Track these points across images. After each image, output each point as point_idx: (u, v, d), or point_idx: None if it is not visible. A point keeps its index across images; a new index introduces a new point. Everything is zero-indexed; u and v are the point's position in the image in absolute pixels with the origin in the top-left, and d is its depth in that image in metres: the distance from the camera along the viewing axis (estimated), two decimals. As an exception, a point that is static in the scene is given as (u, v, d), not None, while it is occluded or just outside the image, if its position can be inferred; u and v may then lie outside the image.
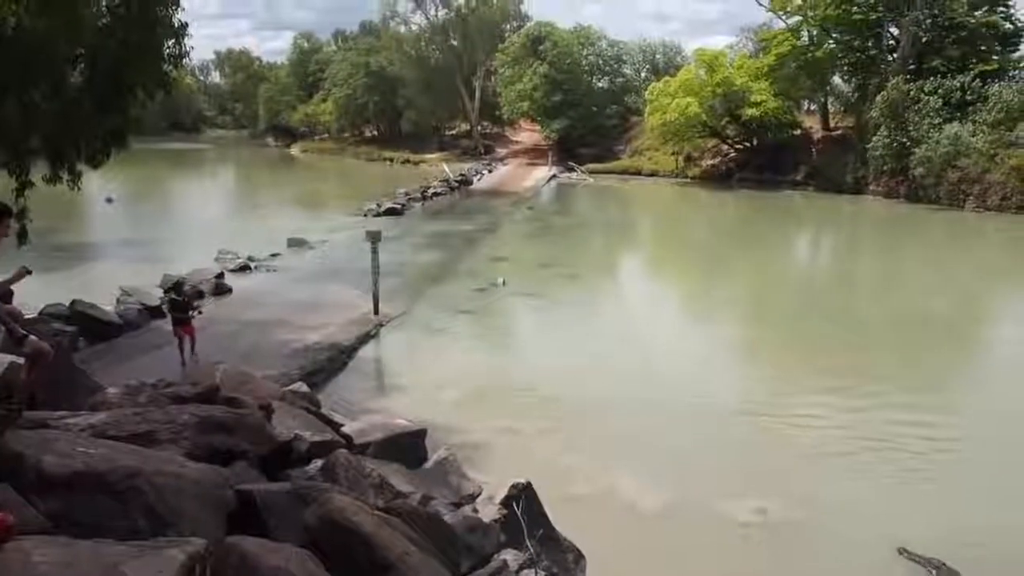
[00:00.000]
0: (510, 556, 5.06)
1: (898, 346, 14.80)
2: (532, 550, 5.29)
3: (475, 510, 5.59)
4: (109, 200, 32.75)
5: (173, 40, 10.89)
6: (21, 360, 5.87)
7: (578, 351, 13.82)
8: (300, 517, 3.66)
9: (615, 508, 8.07)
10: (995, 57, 39.12)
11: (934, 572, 6.99)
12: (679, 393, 11.54)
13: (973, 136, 33.65)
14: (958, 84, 36.02)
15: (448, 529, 4.82)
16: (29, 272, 6.31)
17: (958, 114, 35.12)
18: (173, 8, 10.73)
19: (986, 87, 35.39)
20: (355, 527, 3.46)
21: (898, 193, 36.67)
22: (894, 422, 10.47)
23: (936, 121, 34.78)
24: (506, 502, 5.68)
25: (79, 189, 11.72)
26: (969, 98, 35.53)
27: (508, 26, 62.62)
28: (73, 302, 13.42)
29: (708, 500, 8.27)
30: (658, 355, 13.84)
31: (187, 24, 11.02)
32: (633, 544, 7.27)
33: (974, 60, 38.06)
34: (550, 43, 54.33)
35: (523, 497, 5.79)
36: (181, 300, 12.34)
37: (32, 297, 11.46)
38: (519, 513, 5.55)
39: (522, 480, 6.01)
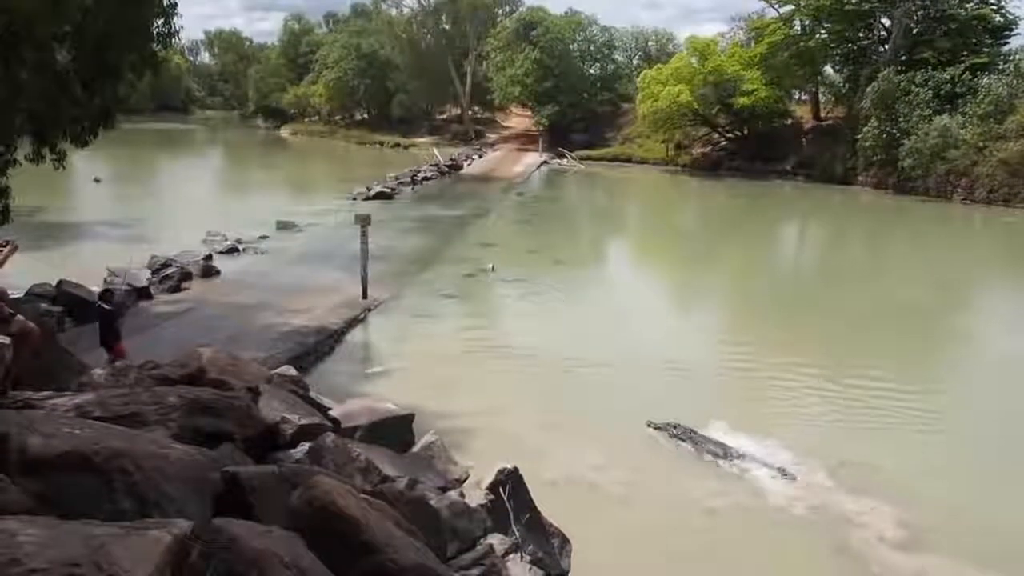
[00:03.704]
0: (496, 540, 5.10)
1: (872, 329, 15.22)
2: (518, 535, 5.33)
3: (462, 495, 5.62)
4: (97, 180, 32.40)
5: (163, 19, 10.74)
6: (7, 340, 5.83)
7: (567, 336, 13.88)
8: (286, 500, 3.67)
9: (602, 491, 8.16)
10: (986, 50, 39.27)
11: (672, 431, 9.42)
12: (664, 374, 11.76)
13: (962, 128, 33.82)
14: (948, 76, 36.14)
15: (434, 513, 4.85)
16: (16, 247, 6.25)
17: (948, 106, 35.28)
18: (163, -13, 10.60)
19: (976, 80, 35.53)
20: (342, 510, 3.47)
21: (887, 184, 36.87)
22: (865, 395, 10.99)
23: (926, 113, 34.92)
24: (493, 487, 5.71)
25: (63, 168, 11.58)
26: (959, 90, 35.68)
27: (500, 11, 62.16)
28: (60, 282, 13.30)
29: (690, 480, 8.40)
30: (643, 338, 14.00)
31: (176, 3, 10.88)
32: (619, 527, 7.37)
33: (965, 52, 38.18)
34: (542, 28, 54.01)
35: (510, 482, 5.82)
36: (111, 309, 9.80)
37: (19, 276, 11.37)
38: (505, 498, 5.59)
39: (509, 465, 6.04)
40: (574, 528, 6.25)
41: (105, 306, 9.91)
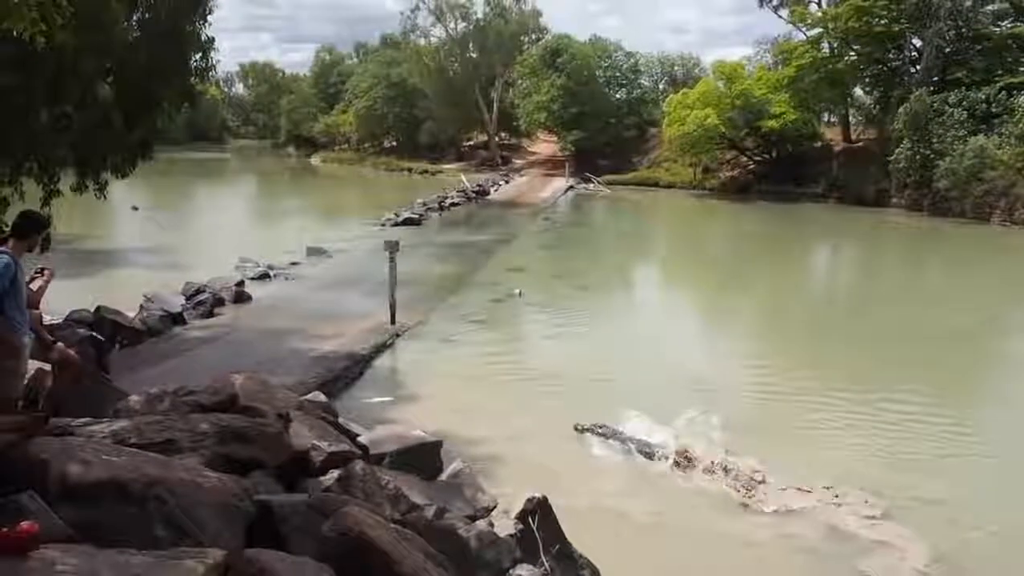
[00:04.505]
0: (526, 572, 5.04)
1: (910, 353, 14.85)
2: (547, 566, 5.27)
3: (490, 524, 5.58)
4: (135, 208, 33.29)
5: (200, 54, 11.13)
6: (48, 367, 5.98)
7: (596, 362, 13.77)
8: (317, 529, 3.68)
9: (631, 520, 8.02)
10: (1022, 69, 38.63)
11: (603, 431, 9.87)
12: (691, 399, 11.55)
13: (999, 149, 33.19)
14: (983, 96, 35.57)
15: (463, 543, 4.82)
16: (52, 274, 6.45)
17: (983, 126, 34.68)
18: (201, 23, 10.99)
19: (1013, 99, 34.92)
20: (372, 541, 3.48)
21: (921, 206, 36.21)
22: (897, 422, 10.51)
23: (961, 133, 34.34)
24: (522, 516, 5.66)
25: (105, 198, 11.97)
26: (995, 110, 35.08)
27: (526, 39, 63.05)
28: (98, 308, 13.62)
29: (721, 509, 8.22)
30: (670, 362, 13.84)
31: (213, 39, 11.27)
32: (649, 559, 7.22)
33: (1000, 72, 37.60)
34: (567, 55, 54.57)
35: (538, 511, 5.77)
36: (103, 341, 9.71)
37: (58, 302, 11.68)
38: (534, 528, 5.54)
39: (538, 494, 5.99)
40: (603, 559, 6.15)
41: (99, 336, 9.94)
